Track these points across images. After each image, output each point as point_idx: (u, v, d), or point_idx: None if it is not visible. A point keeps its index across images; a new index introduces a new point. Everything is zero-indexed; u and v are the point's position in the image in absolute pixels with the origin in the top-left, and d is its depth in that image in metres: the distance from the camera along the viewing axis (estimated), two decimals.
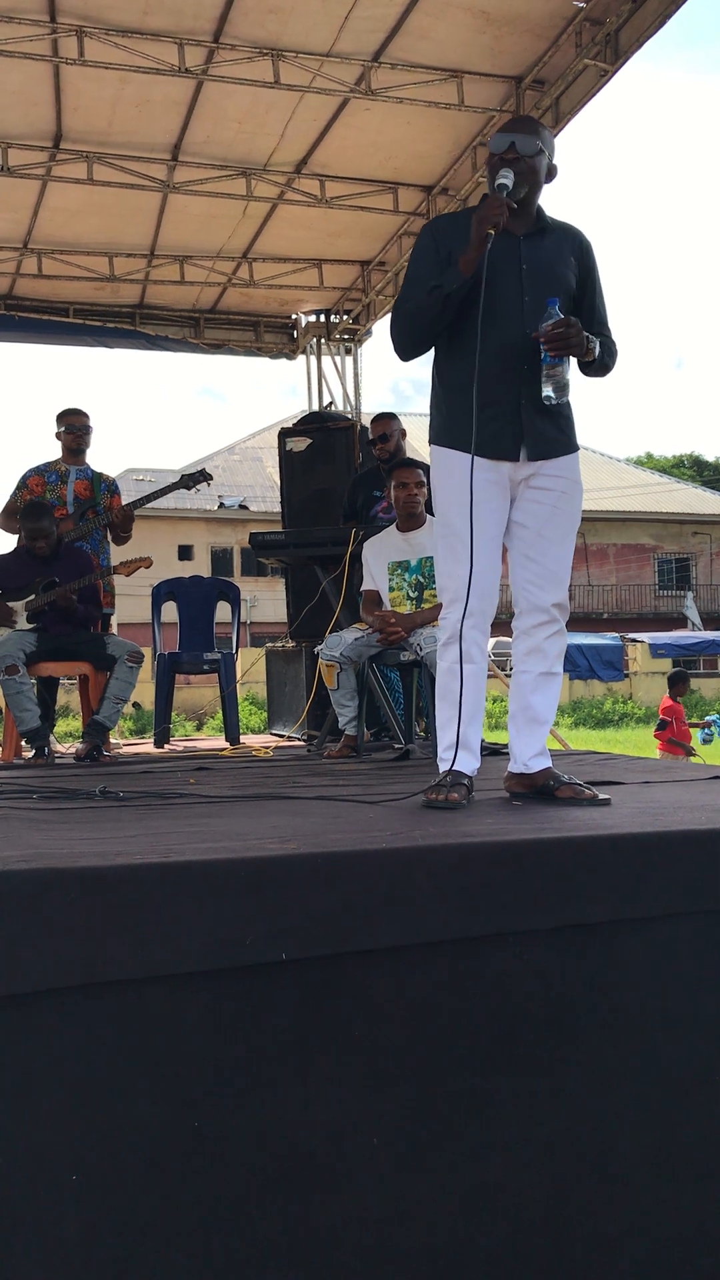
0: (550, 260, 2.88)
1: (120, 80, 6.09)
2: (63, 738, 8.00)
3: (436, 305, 2.79)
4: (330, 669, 4.69)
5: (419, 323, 2.86)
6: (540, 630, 2.87)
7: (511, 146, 2.82)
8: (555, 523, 2.87)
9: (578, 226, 3.00)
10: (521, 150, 2.81)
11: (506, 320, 2.78)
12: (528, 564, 2.88)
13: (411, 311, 2.86)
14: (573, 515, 2.90)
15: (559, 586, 2.88)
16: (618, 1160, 1.98)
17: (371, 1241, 1.81)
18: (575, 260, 2.93)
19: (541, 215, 2.92)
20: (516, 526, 2.90)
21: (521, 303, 2.81)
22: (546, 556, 2.87)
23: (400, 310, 2.90)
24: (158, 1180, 1.72)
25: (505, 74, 6.25)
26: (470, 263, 2.74)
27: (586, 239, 2.99)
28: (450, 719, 2.83)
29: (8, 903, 1.68)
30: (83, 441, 5.88)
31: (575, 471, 2.92)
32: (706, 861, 2.10)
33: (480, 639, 2.85)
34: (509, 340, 2.78)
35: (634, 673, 23.05)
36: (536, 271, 2.84)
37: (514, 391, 2.82)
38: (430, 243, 2.92)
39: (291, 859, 1.87)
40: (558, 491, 2.86)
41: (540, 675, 2.88)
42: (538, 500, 2.86)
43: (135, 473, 29.75)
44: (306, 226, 7.94)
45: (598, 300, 3.00)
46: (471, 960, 1.94)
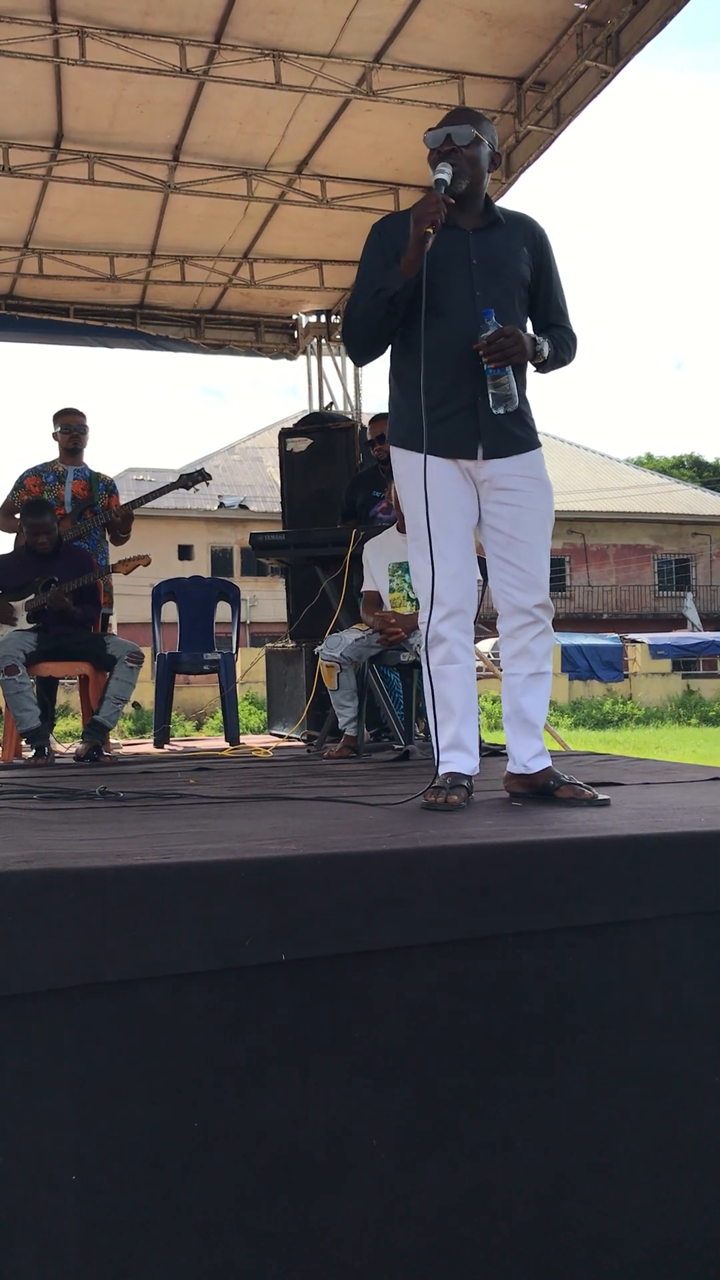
0: (501, 254, 2.85)
1: (121, 80, 6.09)
2: (62, 738, 8.00)
3: (382, 307, 2.77)
4: (330, 669, 4.70)
5: (367, 326, 2.84)
6: (525, 632, 2.85)
7: (448, 139, 2.81)
8: (525, 524, 2.83)
9: (531, 216, 2.96)
10: (458, 141, 2.80)
11: (457, 317, 2.76)
12: (505, 567, 2.85)
13: (359, 315, 2.84)
14: (543, 514, 2.86)
15: (538, 587, 2.84)
16: (616, 1160, 1.98)
17: (371, 1240, 1.82)
18: (529, 251, 2.89)
19: (491, 207, 2.90)
20: (489, 530, 2.87)
21: (473, 298, 2.78)
22: (522, 559, 2.83)
23: (349, 314, 2.89)
24: (158, 1180, 1.72)
25: (506, 75, 6.25)
26: (411, 263, 2.72)
27: (540, 228, 2.96)
28: (442, 721, 2.82)
29: (8, 903, 1.68)
30: (79, 441, 5.89)
31: (539, 468, 2.88)
32: (706, 863, 2.10)
33: (464, 638, 2.83)
34: (461, 337, 2.76)
35: (634, 673, 23.04)
36: (487, 266, 2.81)
37: (469, 389, 2.79)
38: (377, 243, 2.90)
39: (291, 860, 1.87)
40: (523, 491, 2.83)
41: (530, 676, 2.86)
42: (504, 502, 2.83)
43: (135, 472, 29.77)
44: (307, 227, 7.94)
45: (554, 290, 2.97)
46: (471, 961, 1.94)
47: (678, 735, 16.29)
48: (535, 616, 2.84)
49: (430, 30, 5.82)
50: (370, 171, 7.30)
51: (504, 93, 6.37)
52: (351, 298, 2.91)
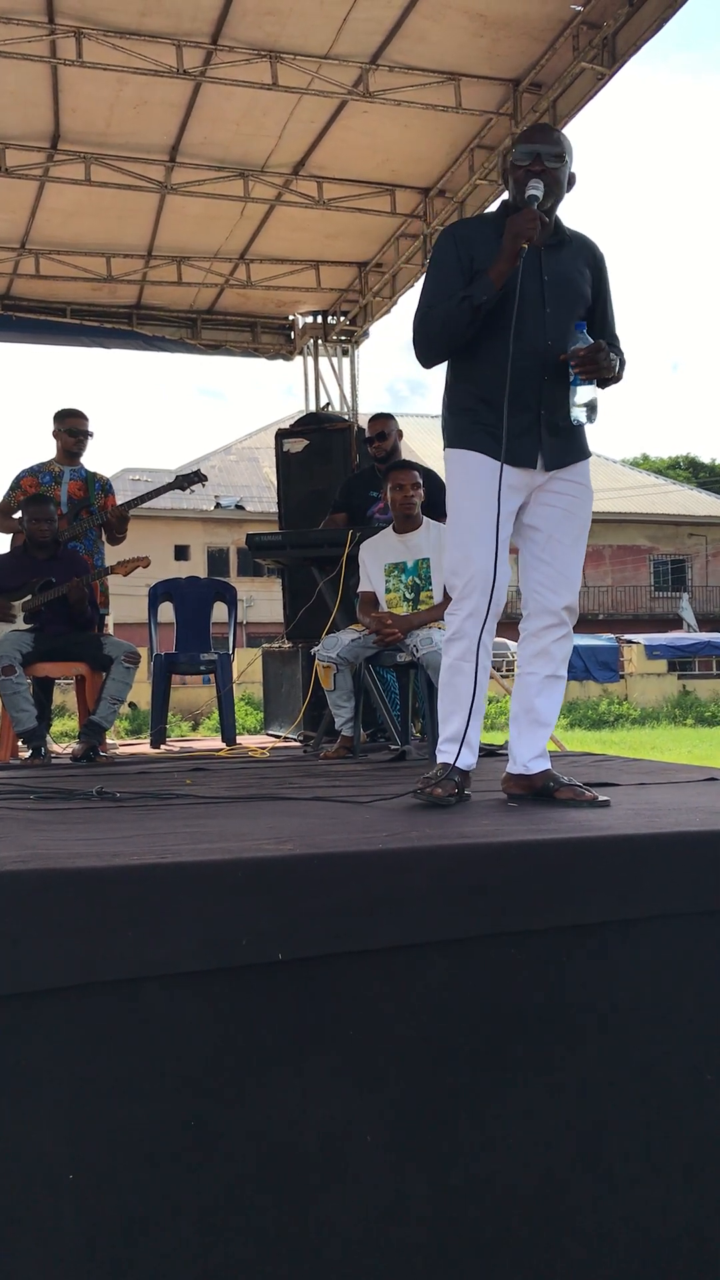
0: (569, 272, 2.90)
1: (118, 81, 6.09)
2: (59, 738, 8.01)
3: (467, 315, 2.80)
4: (327, 670, 4.70)
5: (449, 331, 2.85)
6: (549, 633, 2.89)
7: (537, 158, 2.83)
8: (567, 527, 2.89)
9: (592, 238, 3.02)
10: (547, 161, 2.83)
11: (528, 331, 2.80)
12: (540, 566, 2.90)
13: (441, 319, 2.85)
14: (584, 520, 2.93)
15: (570, 590, 2.89)
16: (611, 1158, 1.99)
17: (367, 1238, 1.82)
18: (590, 271, 2.95)
19: (560, 226, 2.94)
20: (529, 529, 2.92)
21: (543, 315, 2.83)
22: (558, 559, 2.88)
23: (428, 318, 2.88)
24: (155, 1178, 1.73)
25: (502, 77, 6.26)
26: (502, 275, 2.76)
27: (600, 250, 3.02)
28: (452, 713, 2.84)
29: (5, 903, 1.69)
30: (81, 446, 5.89)
31: (587, 477, 2.96)
32: (702, 863, 2.11)
33: (488, 641, 2.86)
34: (530, 351, 2.80)
35: (629, 674, 23.05)
36: (557, 283, 2.86)
37: (535, 402, 2.84)
38: (453, 249, 2.91)
39: (288, 859, 1.88)
40: (570, 496, 2.90)
41: (546, 678, 2.89)
42: (551, 504, 2.89)
43: (132, 473, 29.74)
44: (304, 228, 7.95)
45: (609, 312, 3.03)
46: (468, 961, 1.95)
47: (673, 736, 16.31)
48: (561, 619, 2.88)
49: (426, 32, 5.83)
50: (367, 173, 7.31)
51: (500, 94, 6.38)
52: (425, 300, 2.91)
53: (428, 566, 4.66)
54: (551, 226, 2.90)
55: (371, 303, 8.80)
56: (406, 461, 4.99)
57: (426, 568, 4.66)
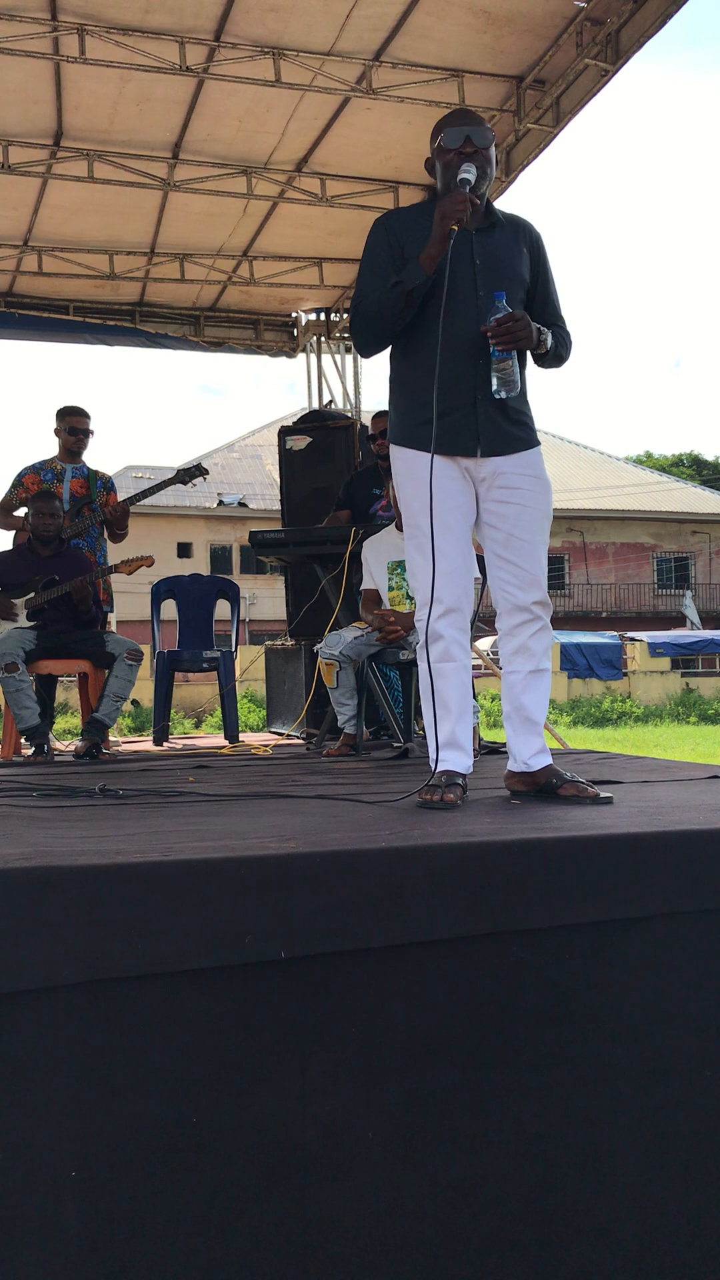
0: (502, 254, 2.88)
1: (121, 78, 6.09)
2: (62, 735, 8.01)
3: (399, 302, 2.79)
4: (329, 667, 4.70)
5: (382, 320, 2.85)
6: (524, 629, 2.86)
7: (468, 140, 2.82)
8: (525, 522, 2.85)
9: (526, 219, 3.00)
10: (478, 143, 2.82)
11: (461, 316, 2.79)
12: (504, 565, 2.87)
13: (373, 308, 2.85)
14: (542, 512, 2.89)
15: (537, 585, 2.86)
16: (608, 1153, 1.99)
17: (367, 1233, 1.83)
18: (527, 252, 2.93)
19: (491, 209, 2.93)
20: (487, 528, 2.89)
21: (475, 298, 2.81)
22: (521, 557, 2.85)
23: (361, 308, 2.89)
24: (156, 1175, 1.73)
25: (506, 73, 6.25)
26: (433, 259, 2.75)
27: (536, 230, 3.00)
28: (441, 719, 2.82)
29: (7, 900, 1.69)
30: (82, 445, 5.91)
31: (539, 467, 2.91)
32: (704, 861, 2.11)
33: (461, 636, 2.84)
34: (464, 336, 2.78)
35: (633, 671, 23.05)
36: (489, 266, 2.84)
37: (470, 388, 2.81)
38: (384, 237, 2.92)
39: (290, 858, 1.88)
40: (524, 490, 2.85)
41: (529, 674, 2.87)
42: (504, 500, 2.85)
43: (134, 470, 29.77)
44: (307, 225, 7.94)
45: (551, 291, 3.00)
46: (470, 959, 1.95)
47: (677, 733, 16.30)
48: (534, 614, 2.86)
49: (430, 28, 5.82)
50: (370, 170, 7.30)
51: (503, 91, 6.37)
52: (359, 291, 2.92)
53: None
54: (482, 210, 2.90)
55: None
56: None
57: None
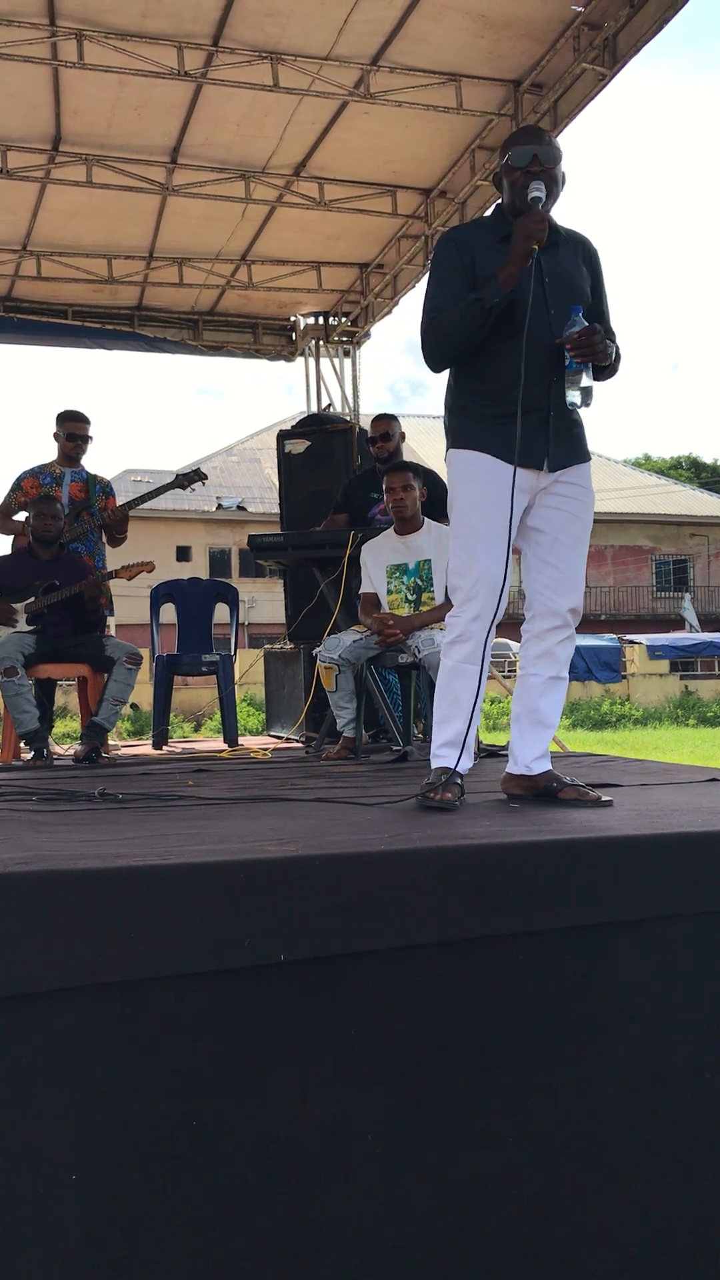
0: (568, 271, 2.92)
1: (119, 83, 6.10)
2: (61, 739, 8.01)
3: (478, 318, 2.81)
4: (329, 671, 4.70)
5: (461, 334, 2.85)
6: (553, 635, 2.90)
7: (535, 159, 2.84)
8: (571, 529, 2.91)
9: (585, 235, 3.03)
10: (545, 162, 2.84)
11: (535, 333, 2.81)
12: (545, 569, 2.91)
13: (453, 323, 2.85)
14: (587, 522, 2.95)
15: (574, 592, 2.91)
16: (608, 1154, 1.99)
17: (367, 1235, 1.83)
18: (587, 269, 2.98)
19: (555, 226, 2.95)
20: (533, 532, 2.93)
21: (547, 316, 2.84)
22: (563, 562, 2.90)
23: (438, 322, 2.88)
24: (157, 1177, 1.73)
25: (503, 78, 6.26)
26: (512, 277, 2.78)
27: (594, 246, 3.03)
28: (451, 717, 2.84)
29: (8, 904, 1.69)
30: (80, 450, 5.91)
31: (589, 480, 2.97)
32: (703, 864, 2.11)
33: (488, 643, 2.87)
34: (536, 352, 2.81)
35: (631, 674, 23.05)
36: (557, 284, 2.88)
37: (543, 403, 2.85)
38: (455, 253, 2.92)
39: (290, 861, 1.88)
40: (574, 499, 2.91)
41: (550, 679, 2.90)
42: (556, 507, 2.90)
43: (133, 474, 29.77)
44: (305, 229, 7.96)
45: (605, 307, 3.04)
46: (468, 961, 1.95)
47: (676, 736, 16.29)
48: (565, 620, 2.90)
49: (427, 33, 5.84)
50: (368, 174, 7.32)
51: (501, 95, 6.39)
52: (433, 305, 2.91)
53: (429, 568, 4.66)
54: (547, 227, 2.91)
55: (373, 303, 8.81)
56: (402, 463, 4.97)
57: (428, 569, 4.67)
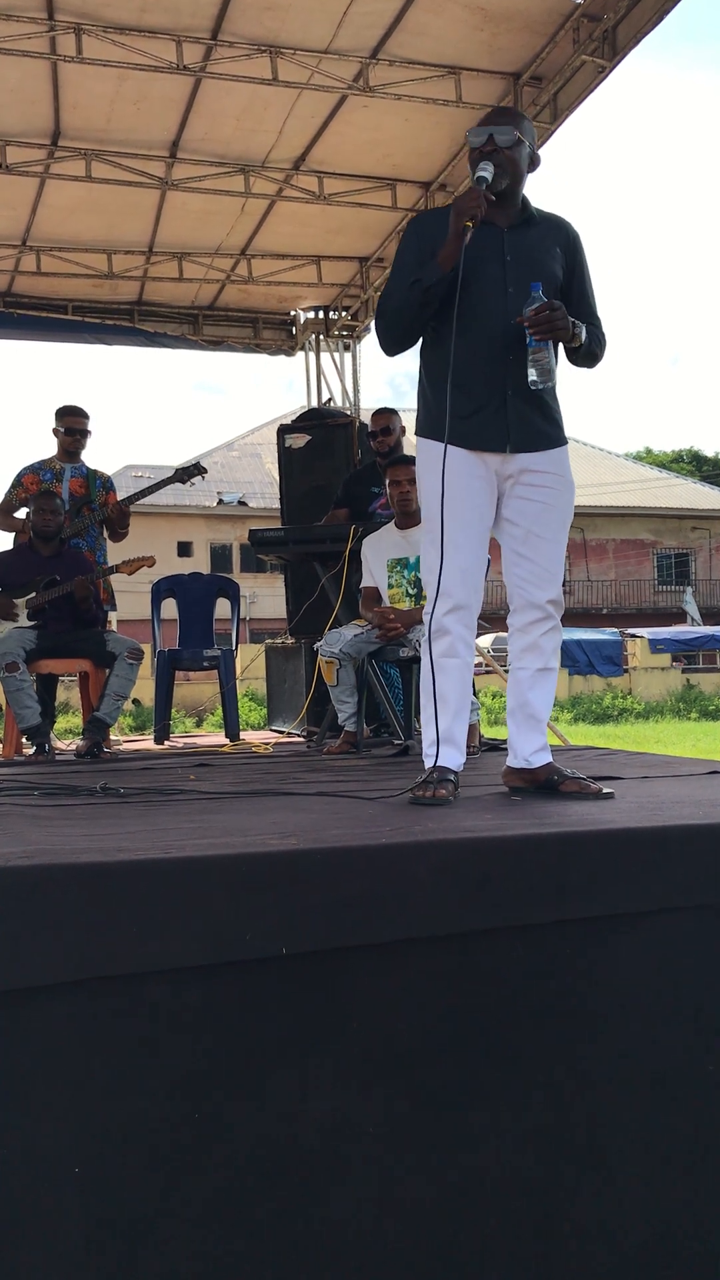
0: (535, 252, 2.88)
1: (118, 77, 6.09)
2: (63, 735, 8.01)
3: (417, 300, 2.80)
4: (330, 665, 4.70)
5: (402, 318, 2.87)
6: (536, 627, 2.87)
7: (489, 139, 2.82)
8: (546, 520, 2.86)
9: (566, 218, 3.00)
10: (500, 142, 2.82)
11: (490, 313, 2.79)
12: (521, 561, 2.87)
13: (395, 307, 2.88)
14: (564, 512, 2.90)
15: (553, 583, 2.87)
16: (609, 1152, 1.99)
17: (368, 1231, 1.83)
18: (562, 251, 2.93)
19: (527, 207, 2.93)
20: (507, 524, 2.89)
21: (505, 295, 2.81)
22: (539, 554, 2.86)
23: (384, 306, 2.92)
24: (158, 1172, 1.73)
25: (503, 70, 6.25)
26: (449, 256, 2.75)
27: (574, 230, 3.00)
28: (440, 713, 2.82)
29: (9, 898, 1.69)
30: (79, 445, 5.91)
31: (565, 467, 2.92)
32: (704, 856, 2.11)
33: (467, 634, 2.84)
34: (493, 332, 2.79)
35: (633, 668, 23.05)
36: (520, 263, 2.85)
37: (500, 383, 2.82)
38: (414, 238, 2.93)
39: (291, 854, 1.88)
40: (548, 489, 2.86)
41: (537, 671, 2.88)
42: (528, 498, 2.86)
43: (134, 469, 29.73)
44: (305, 223, 7.94)
45: (586, 291, 3.00)
46: (469, 954, 1.95)
47: (677, 730, 16.29)
48: (547, 612, 2.87)
49: (427, 25, 5.82)
50: (367, 167, 7.30)
51: (500, 88, 6.37)
52: (386, 290, 2.95)
53: None
54: (517, 207, 2.90)
55: (373, 298, 8.79)
56: (404, 456, 4.97)
57: None
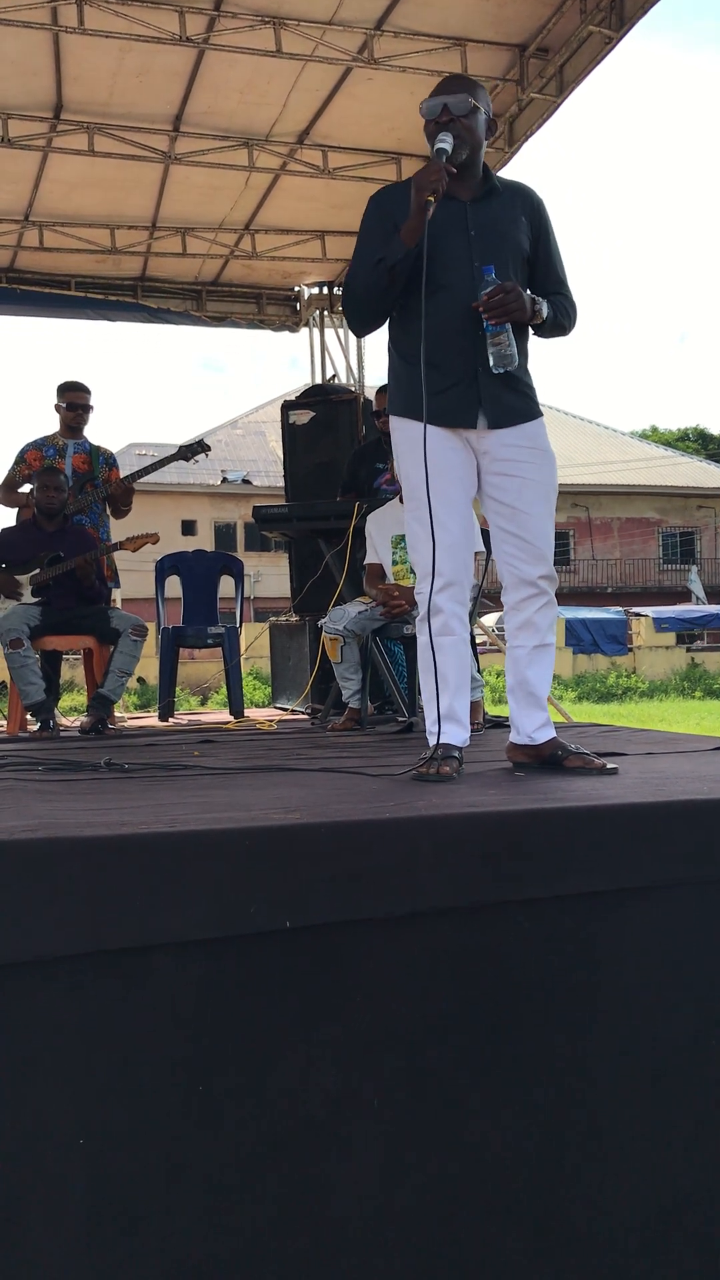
0: (499, 224, 2.85)
1: (120, 49, 6.03)
2: (68, 713, 8.03)
3: (384, 278, 2.77)
4: (334, 642, 4.70)
5: (369, 297, 2.83)
6: (529, 604, 2.86)
7: (445, 109, 2.79)
8: (529, 495, 2.83)
9: (528, 185, 2.97)
10: (455, 111, 2.78)
11: (457, 287, 2.76)
12: (509, 539, 2.85)
13: (361, 286, 2.84)
14: (547, 485, 2.87)
15: (543, 559, 2.85)
16: (612, 1123, 2.00)
17: (372, 1203, 1.84)
18: (527, 220, 2.90)
19: (489, 177, 2.90)
20: (492, 502, 2.87)
21: (471, 268, 2.78)
22: (526, 530, 2.83)
23: (350, 286, 2.88)
24: (163, 1144, 1.74)
25: (509, 42, 6.18)
26: (414, 231, 2.72)
27: (538, 197, 2.96)
28: (440, 691, 2.81)
29: (15, 872, 1.69)
30: (81, 420, 5.90)
31: (542, 439, 2.89)
32: (707, 831, 2.11)
33: (460, 610, 2.83)
34: (461, 308, 2.76)
35: (638, 647, 23.04)
36: (485, 236, 2.82)
37: (470, 359, 2.79)
38: (375, 215, 2.89)
39: (295, 828, 1.89)
40: (525, 462, 2.83)
41: (534, 649, 2.87)
42: (507, 473, 2.83)
43: (138, 447, 29.67)
44: (309, 198, 7.88)
45: (554, 259, 2.97)
46: (473, 929, 1.96)
47: (682, 708, 16.30)
48: (540, 588, 2.85)
49: None
50: (372, 141, 7.24)
51: (506, 60, 6.31)
52: (351, 269, 2.91)
53: None
54: (478, 178, 2.87)
55: None
56: None
57: None
